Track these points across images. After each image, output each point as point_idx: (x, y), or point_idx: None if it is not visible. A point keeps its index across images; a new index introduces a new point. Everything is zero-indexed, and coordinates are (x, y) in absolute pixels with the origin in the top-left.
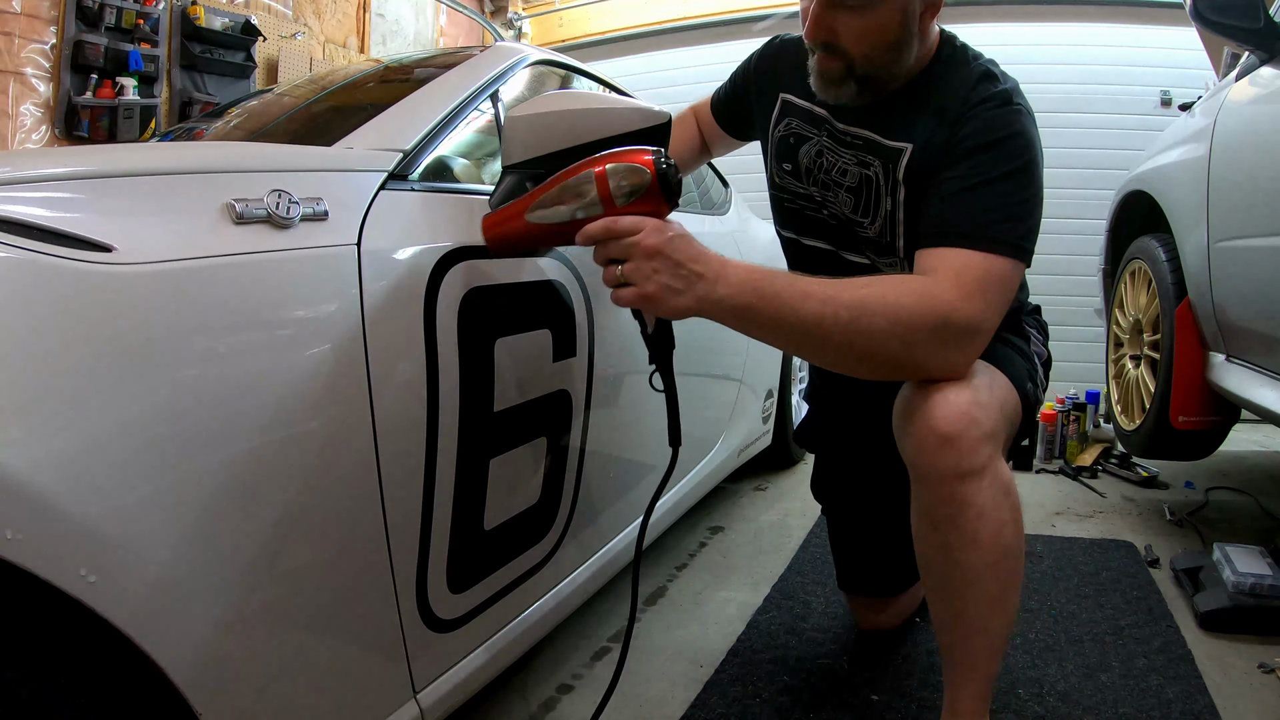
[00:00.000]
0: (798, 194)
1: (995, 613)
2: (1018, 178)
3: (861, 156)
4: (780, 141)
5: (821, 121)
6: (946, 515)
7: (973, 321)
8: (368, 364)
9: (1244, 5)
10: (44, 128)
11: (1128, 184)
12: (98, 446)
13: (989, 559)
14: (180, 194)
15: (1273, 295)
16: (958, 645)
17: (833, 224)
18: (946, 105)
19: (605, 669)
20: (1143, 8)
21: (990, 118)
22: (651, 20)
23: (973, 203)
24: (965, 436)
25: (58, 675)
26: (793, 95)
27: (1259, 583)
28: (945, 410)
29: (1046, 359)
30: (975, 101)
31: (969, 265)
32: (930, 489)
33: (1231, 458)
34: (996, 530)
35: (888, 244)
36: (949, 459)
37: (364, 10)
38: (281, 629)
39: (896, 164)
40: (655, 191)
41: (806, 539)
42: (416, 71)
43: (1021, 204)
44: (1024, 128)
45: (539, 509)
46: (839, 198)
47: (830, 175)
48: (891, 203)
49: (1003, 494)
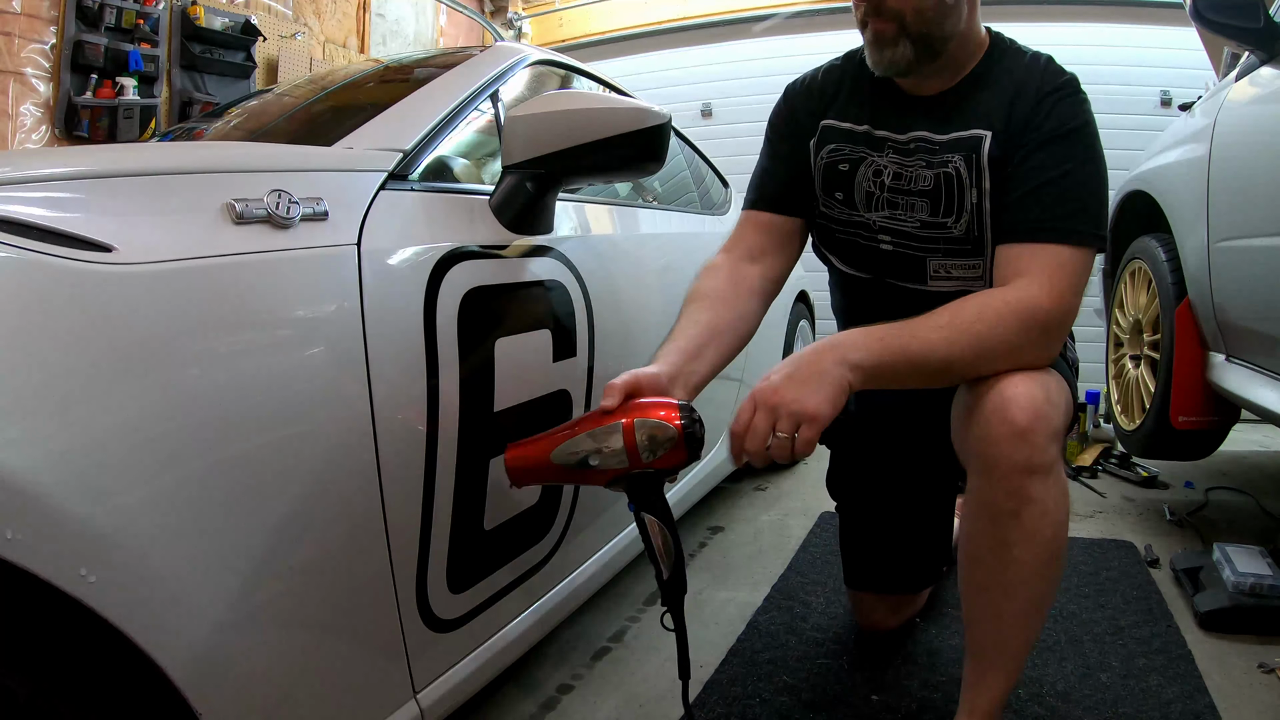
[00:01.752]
0: (850, 222)
1: (1036, 613)
2: (1092, 166)
3: (933, 158)
4: (827, 169)
5: (881, 142)
6: (1010, 509)
7: (1065, 317)
8: (368, 364)
9: (1244, 5)
10: (44, 128)
11: (1128, 184)
12: (98, 446)
13: (1043, 558)
14: (180, 194)
15: (1273, 295)
16: (991, 644)
17: (886, 251)
18: (1023, 86)
19: (605, 669)
20: (1143, 8)
21: (1066, 105)
22: (651, 20)
23: (1057, 195)
24: (1038, 432)
25: (58, 675)
26: (837, 120)
27: (1259, 583)
28: (1021, 403)
29: (1076, 363)
30: (1050, 89)
31: (1061, 263)
32: (996, 481)
33: (1231, 458)
34: (1055, 531)
35: (976, 238)
36: (1022, 452)
37: (364, 10)
38: (281, 629)
39: (979, 150)
40: (680, 447)
41: (806, 539)
42: (416, 71)
43: (1095, 194)
44: (1091, 117)
45: (539, 509)
46: (915, 207)
47: (899, 189)
48: (977, 194)
49: (1064, 495)
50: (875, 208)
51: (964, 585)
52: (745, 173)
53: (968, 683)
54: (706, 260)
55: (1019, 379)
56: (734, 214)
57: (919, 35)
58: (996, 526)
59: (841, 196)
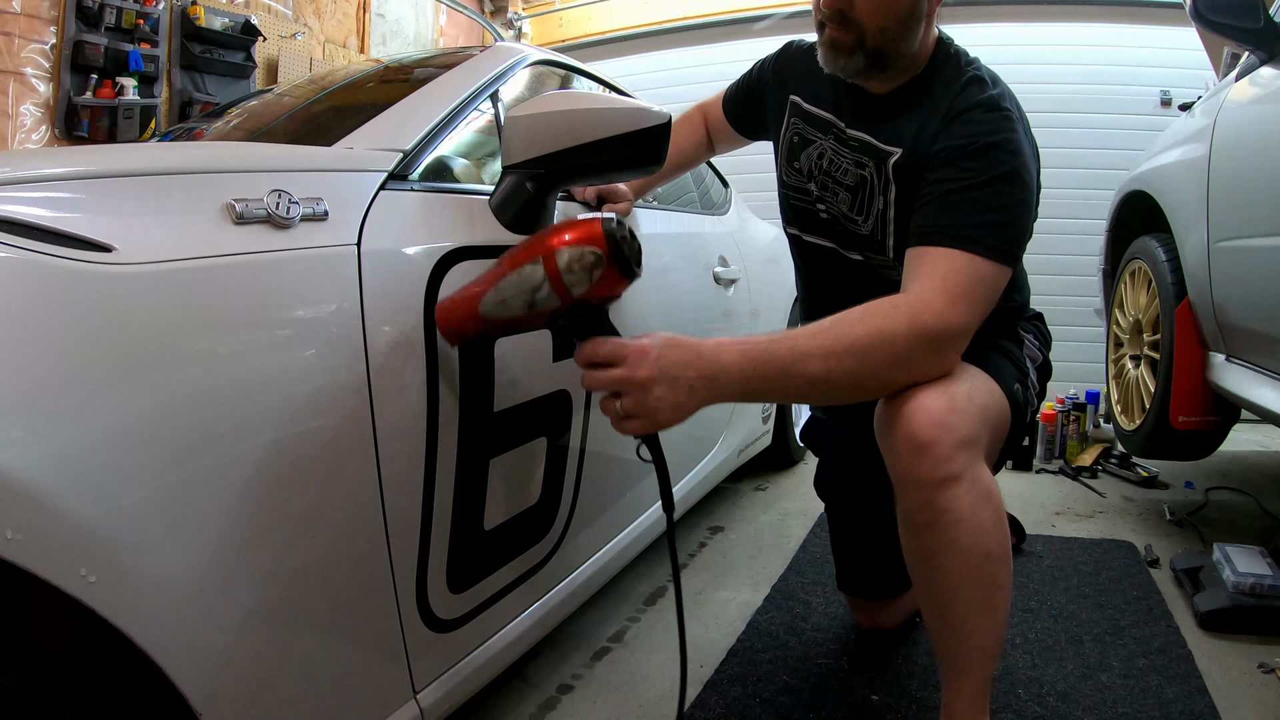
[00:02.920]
0: (800, 190)
1: (981, 617)
2: (1002, 183)
3: (858, 158)
4: (789, 142)
5: (829, 126)
6: (925, 522)
7: (959, 327)
8: (368, 364)
9: (1244, 5)
10: (44, 128)
11: (1128, 184)
12: (98, 446)
13: (970, 564)
14: (180, 194)
15: (1273, 295)
16: (948, 651)
17: (827, 220)
18: (935, 109)
19: (605, 669)
20: (1143, 8)
21: (976, 123)
22: (651, 20)
23: (959, 206)
24: (940, 443)
25: (58, 675)
26: (801, 99)
27: (1259, 583)
28: (920, 419)
29: (1042, 364)
30: (962, 108)
31: (955, 268)
32: (908, 496)
33: (1231, 458)
34: (976, 536)
35: (879, 242)
36: (924, 466)
37: (364, 10)
38: (281, 629)
39: (886, 164)
40: (611, 269)
41: (806, 539)
42: (416, 71)
43: (1006, 209)
44: (1009, 134)
45: (539, 509)
46: (839, 196)
47: (832, 175)
48: (883, 202)
49: (983, 499)
50: (813, 181)
51: (915, 594)
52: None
53: (943, 687)
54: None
55: (923, 390)
56: (734, 214)
57: (874, 50)
58: (917, 539)
59: (797, 166)
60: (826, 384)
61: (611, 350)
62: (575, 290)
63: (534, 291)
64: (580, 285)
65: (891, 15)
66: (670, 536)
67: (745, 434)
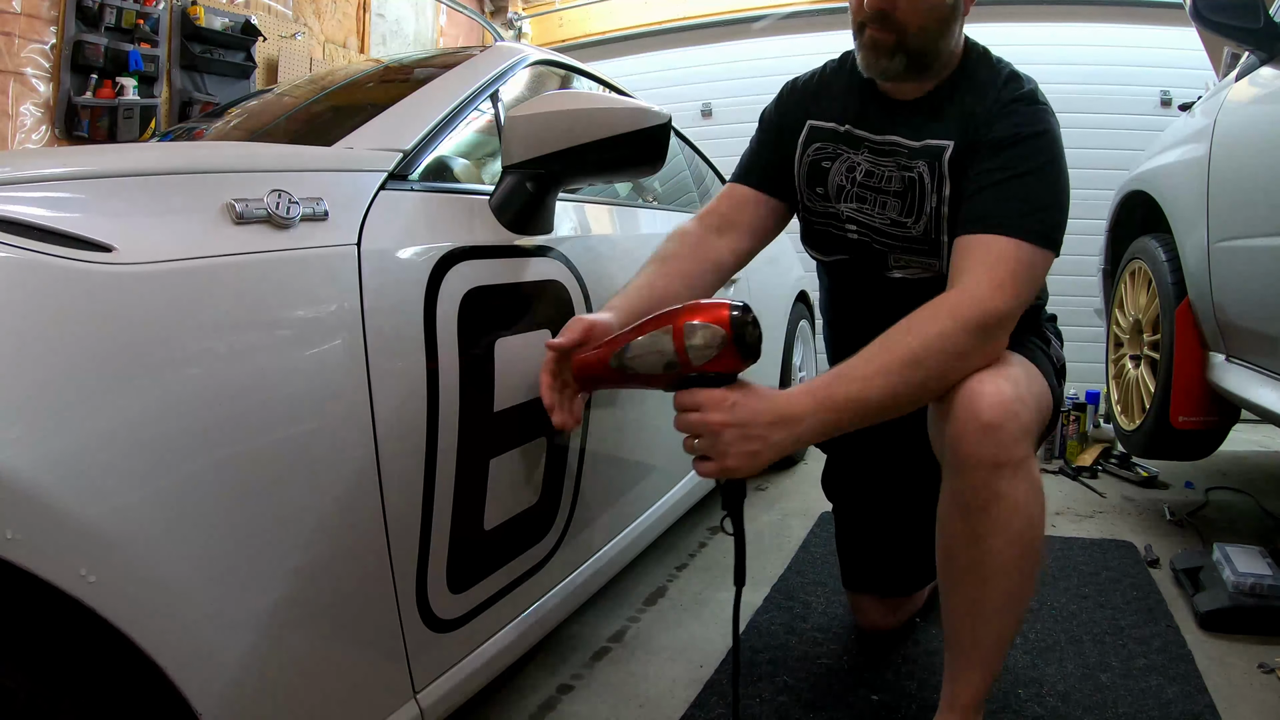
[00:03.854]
0: (826, 214)
1: (1011, 608)
2: (1046, 171)
3: (903, 161)
4: (811, 166)
5: (859, 140)
6: (980, 505)
7: (1004, 310)
8: (368, 364)
9: (1244, 5)
10: (44, 128)
11: (1128, 184)
12: (98, 446)
13: (1015, 552)
14: (180, 194)
15: (1273, 295)
16: (968, 638)
17: (853, 239)
18: (979, 103)
19: (605, 669)
20: (1143, 8)
21: (1020, 115)
22: (651, 20)
23: (1005, 194)
24: (1006, 428)
25: (58, 675)
26: (821, 120)
27: (1259, 583)
28: (989, 400)
29: (1062, 365)
30: (1006, 100)
31: (1003, 253)
32: (965, 478)
33: (1231, 458)
34: (1026, 525)
35: (933, 241)
36: (989, 449)
37: (364, 10)
38: (281, 629)
39: (941, 159)
40: (730, 349)
41: (806, 539)
42: (416, 71)
43: (1050, 195)
44: (1050, 125)
45: (539, 509)
46: (885, 205)
47: (870, 185)
48: (937, 199)
49: (1035, 490)
50: (844, 199)
51: (941, 581)
52: None
53: (948, 677)
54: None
55: (989, 375)
56: None
57: (915, 50)
58: (968, 522)
59: (821, 191)
60: (895, 399)
61: (694, 397)
62: (696, 362)
63: (660, 356)
64: (701, 359)
65: (932, 14)
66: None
67: None
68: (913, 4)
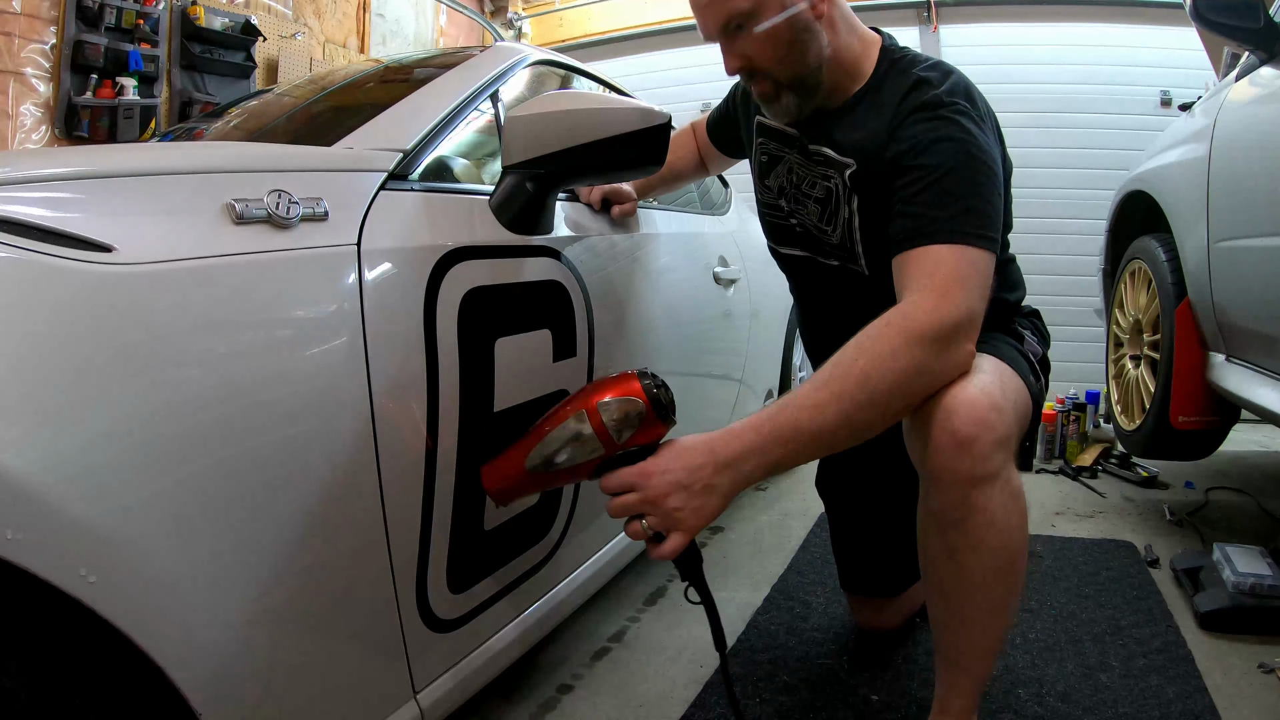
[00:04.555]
0: (773, 206)
1: (995, 618)
2: (959, 172)
3: (823, 171)
4: (759, 162)
5: (794, 141)
6: (955, 519)
7: (957, 318)
8: (368, 364)
9: (1244, 5)
10: (44, 128)
11: (1128, 184)
12: (98, 446)
13: (995, 564)
14: (180, 194)
15: (1273, 295)
16: (954, 647)
17: (799, 232)
18: (881, 117)
19: (605, 669)
20: (1143, 8)
21: (923, 124)
22: (651, 20)
23: (924, 204)
24: (981, 440)
25: (58, 675)
26: (765, 118)
27: (1259, 583)
28: (963, 414)
29: (1043, 359)
30: (905, 113)
31: (939, 261)
32: (941, 492)
33: (1231, 458)
34: (1004, 537)
35: (849, 250)
36: (963, 463)
37: (364, 10)
38: (281, 629)
39: (844, 175)
40: (651, 419)
41: (806, 539)
42: (416, 71)
43: (972, 196)
44: (959, 126)
45: (539, 509)
46: (808, 209)
47: (800, 189)
48: (848, 211)
49: (1013, 500)
50: (784, 198)
51: (924, 590)
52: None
53: (939, 680)
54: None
55: (961, 386)
56: (734, 214)
57: (792, 82)
58: (944, 536)
59: (769, 184)
60: (850, 425)
61: (619, 479)
62: (620, 439)
63: (581, 444)
64: (624, 434)
65: (781, 48)
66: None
67: None
68: (761, 50)
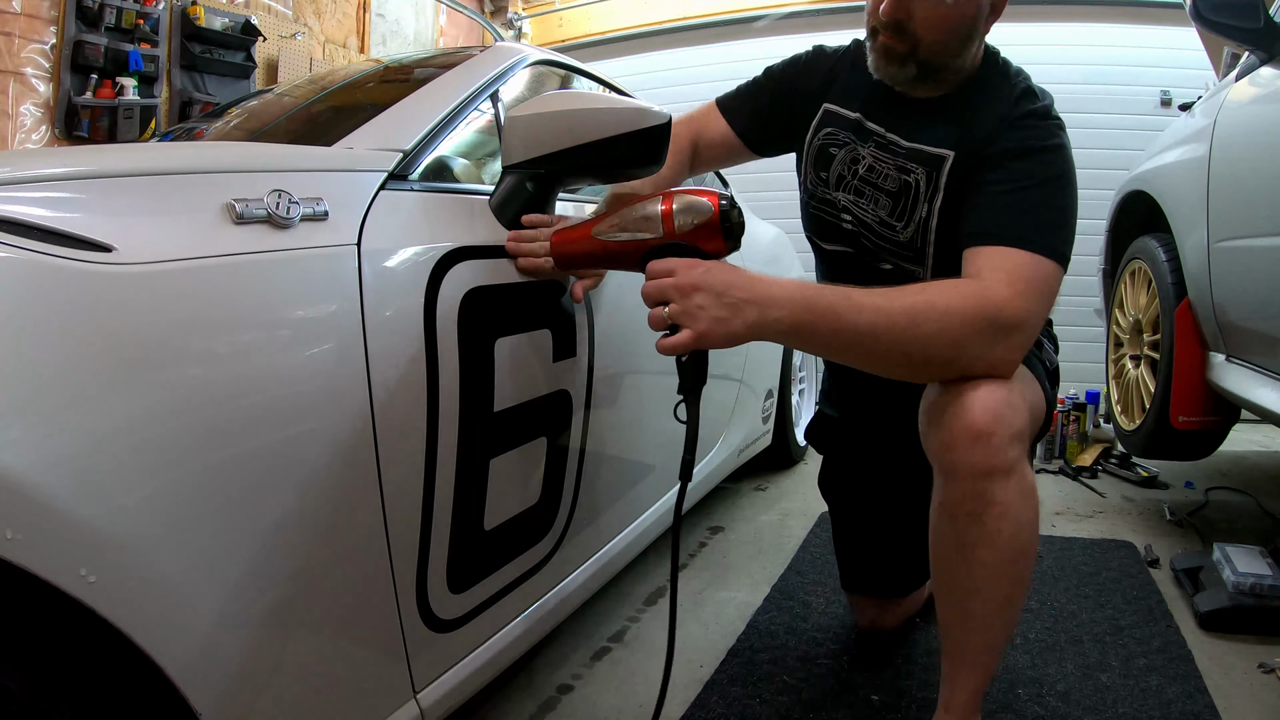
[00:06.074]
0: (824, 200)
1: (1003, 613)
2: (1057, 184)
3: (903, 163)
4: (819, 150)
5: (869, 133)
6: (970, 512)
7: (1022, 318)
8: (368, 364)
9: (1244, 5)
10: (44, 128)
11: (1128, 184)
12: (98, 446)
13: (1005, 559)
14: (180, 194)
15: (1273, 295)
16: (962, 642)
17: (849, 229)
18: (989, 116)
19: (605, 669)
20: (1143, 8)
21: (1032, 130)
22: (651, 20)
23: (1018, 206)
24: (997, 434)
25: (58, 675)
26: (837, 105)
27: (1259, 583)
28: (979, 407)
29: (1055, 368)
30: (1018, 115)
31: (1020, 264)
32: (956, 485)
33: (1231, 458)
34: (1016, 531)
35: (918, 250)
36: (979, 456)
37: (364, 10)
38: (281, 629)
39: (940, 170)
40: (715, 227)
41: (806, 539)
42: (416, 71)
43: (1061, 210)
44: (1063, 141)
45: (539, 509)
46: (877, 202)
47: (870, 181)
48: (928, 210)
49: (1026, 496)
50: (843, 189)
51: (934, 585)
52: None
53: (945, 678)
54: None
55: (982, 382)
56: None
57: (928, 61)
58: (958, 528)
59: (824, 175)
60: (874, 340)
61: (665, 264)
62: (679, 229)
63: (646, 221)
64: (684, 227)
65: (949, 30)
66: (678, 506)
67: (745, 434)
68: (930, 17)
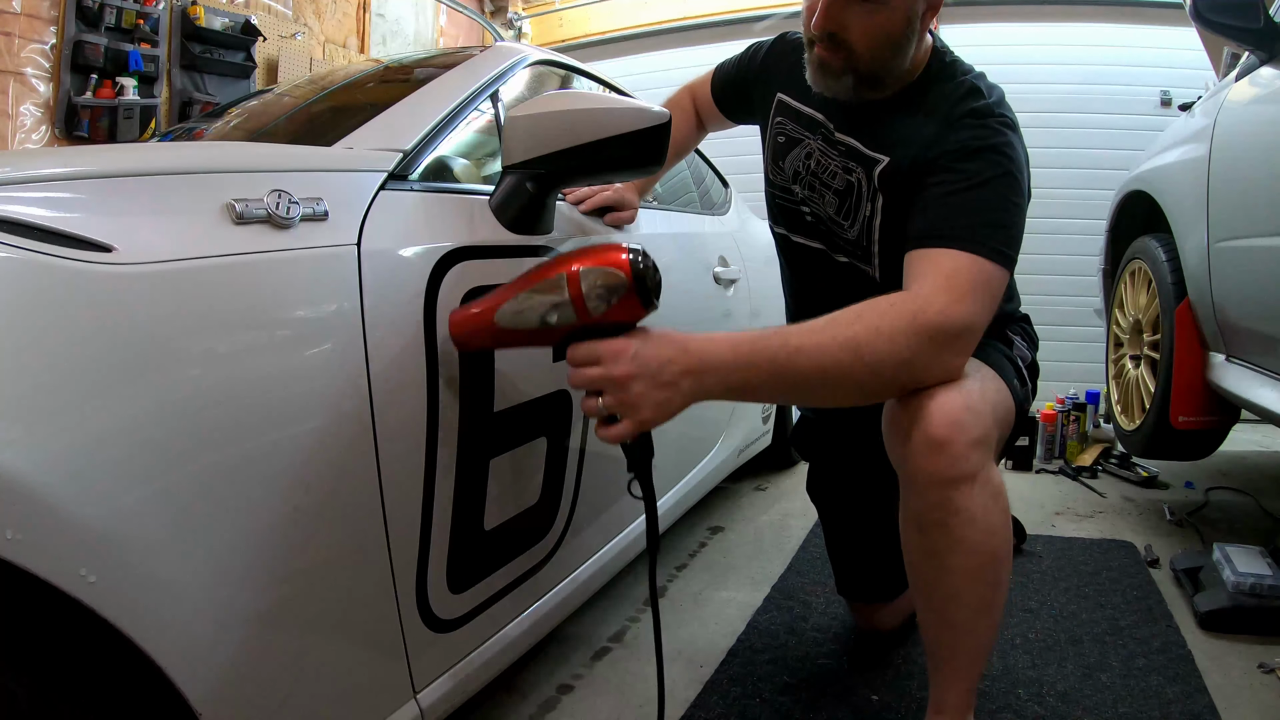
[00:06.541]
0: (785, 190)
1: (981, 617)
2: (999, 185)
3: (846, 163)
4: (774, 141)
5: (818, 126)
6: (935, 520)
7: (965, 322)
8: (368, 364)
9: (1244, 5)
10: (44, 128)
11: (1128, 184)
12: (98, 446)
13: (976, 564)
14: (180, 194)
15: (1273, 295)
16: (943, 648)
17: (812, 222)
18: (931, 116)
19: (605, 669)
20: (1143, 8)
21: (974, 129)
22: (651, 20)
23: (959, 207)
24: (956, 442)
25: (58, 675)
26: (789, 97)
27: (1259, 583)
28: (936, 416)
29: (1031, 364)
30: (959, 115)
31: (959, 268)
32: (919, 494)
33: (1231, 458)
34: (985, 536)
35: (864, 249)
36: (939, 464)
37: (364, 10)
38: (281, 629)
39: (873, 171)
40: (631, 295)
41: (806, 539)
42: (416, 71)
43: (1004, 211)
44: (1006, 140)
45: (539, 509)
46: (825, 199)
47: (820, 177)
48: (870, 209)
49: (992, 499)
50: (798, 183)
51: (912, 593)
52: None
53: (932, 683)
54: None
55: (939, 390)
56: (734, 214)
57: (865, 72)
58: (925, 537)
59: (782, 165)
60: (821, 379)
61: (589, 350)
62: (594, 311)
63: (554, 308)
64: (599, 307)
65: (884, 39)
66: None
67: (745, 434)
68: (864, 29)
